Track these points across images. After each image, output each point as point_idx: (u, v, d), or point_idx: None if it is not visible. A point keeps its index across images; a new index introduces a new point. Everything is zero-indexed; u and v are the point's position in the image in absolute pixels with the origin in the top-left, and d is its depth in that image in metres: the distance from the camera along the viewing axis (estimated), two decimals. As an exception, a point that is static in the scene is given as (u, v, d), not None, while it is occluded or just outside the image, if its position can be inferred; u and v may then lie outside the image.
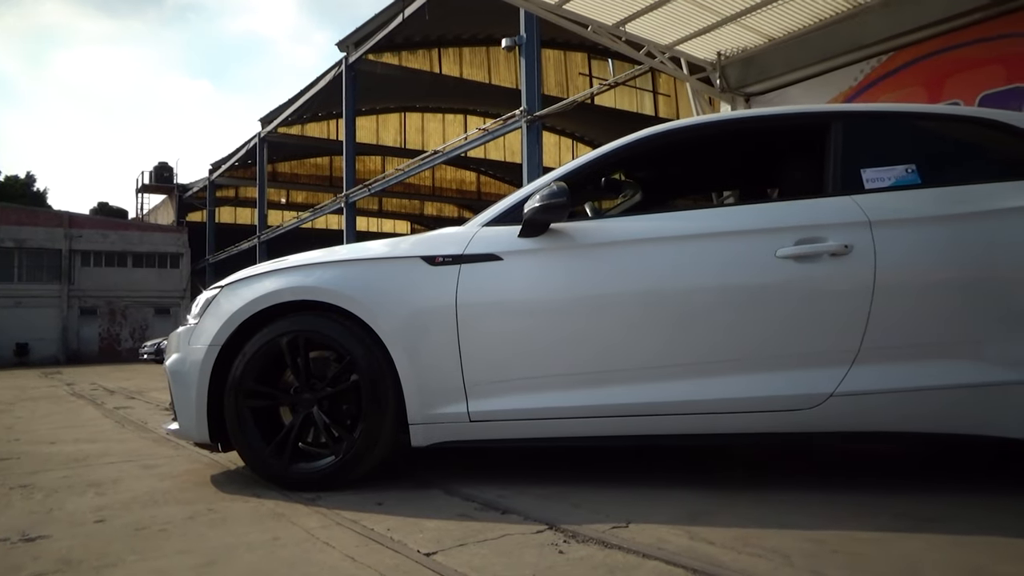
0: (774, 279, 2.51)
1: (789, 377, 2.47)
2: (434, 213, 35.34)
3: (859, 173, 2.65)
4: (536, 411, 2.60)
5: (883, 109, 2.88)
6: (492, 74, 23.56)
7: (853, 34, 6.82)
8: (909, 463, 3.15)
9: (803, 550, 1.86)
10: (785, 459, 3.21)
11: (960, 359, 2.39)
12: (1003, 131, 2.69)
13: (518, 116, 11.00)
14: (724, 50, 7.83)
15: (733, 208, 3.07)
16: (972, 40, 6.17)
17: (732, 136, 3.23)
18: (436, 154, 17.06)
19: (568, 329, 2.63)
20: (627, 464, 3.14)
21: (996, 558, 1.77)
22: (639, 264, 2.63)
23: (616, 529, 2.08)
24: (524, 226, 2.68)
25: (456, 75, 22.89)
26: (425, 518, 2.27)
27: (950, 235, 2.44)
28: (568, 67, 23.66)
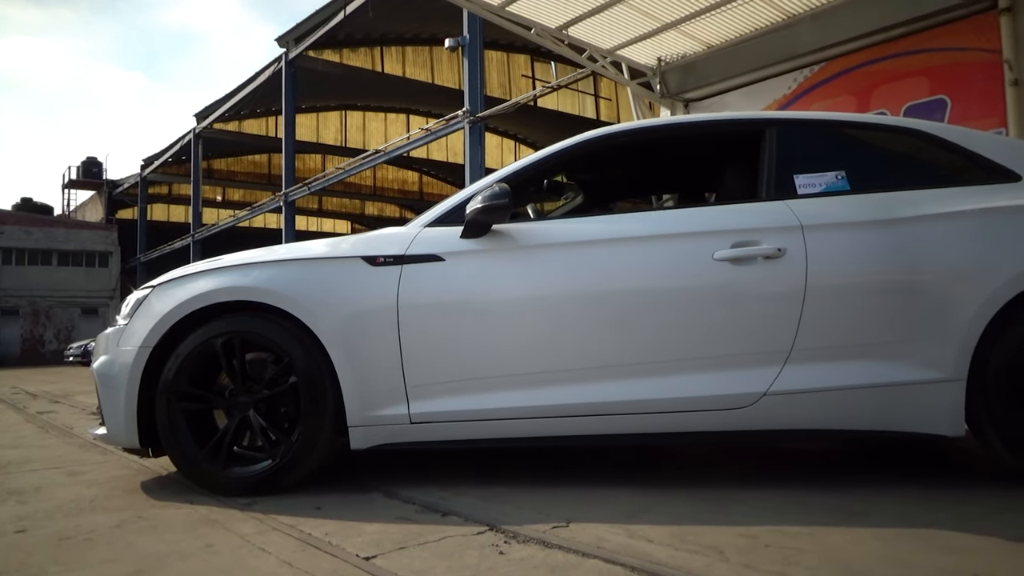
0: (711, 281, 2.57)
1: (725, 377, 2.53)
2: (375, 213, 34.97)
3: (792, 179, 2.74)
4: (477, 412, 2.60)
5: (815, 117, 2.98)
6: (435, 74, 23.45)
7: (787, 44, 7.04)
8: (836, 459, 3.26)
9: (737, 545, 1.90)
10: (720, 457, 3.28)
11: (885, 359, 2.48)
12: (926, 140, 2.81)
13: (461, 117, 10.98)
14: (664, 56, 7.97)
15: (672, 211, 3.13)
16: (897, 53, 6.44)
17: (671, 141, 3.29)
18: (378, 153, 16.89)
19: (509, 330, 2.64)
20: (568, 464, 3.17)
21: (918, 549, 1.84)
22: (580, 266, 2.66)
23: (557, 529, 2.10)
24: (466, 227, 2.68)
25: (399, 74, 22.70)
26: (365, 521, 2.24)
27: (876, 240, 2.54)
28: (511, 69, 23.74)
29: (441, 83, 23.08)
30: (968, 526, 2.02)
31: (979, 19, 5.94)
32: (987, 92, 5.88)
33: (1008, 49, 5.68)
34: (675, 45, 7.74)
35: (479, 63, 11.37)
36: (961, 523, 2.05)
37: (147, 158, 29.88)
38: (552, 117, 22.04)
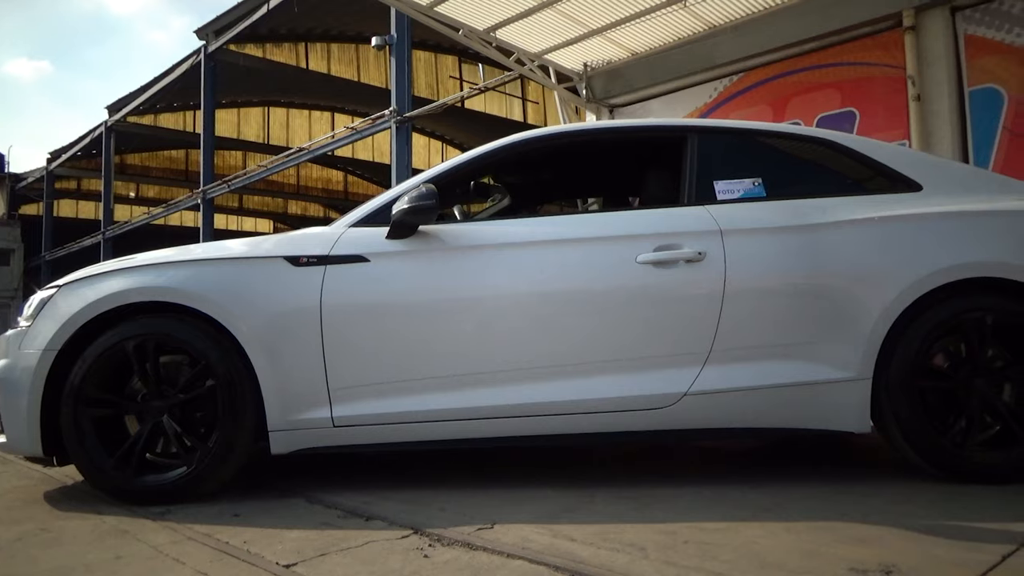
0: (634, 283, 2.62)
1: (647, 377, 2.59)
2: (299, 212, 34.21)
3: (712, 185, 2.82)
4: (403, 415, 2.58)
5: (734, 126, 3.08)
6: (361, 72, 23.12)
7: (708, 54, 7.26)
8: (750, 456, 3.37)
9: (658, 542, 1.95)
10: (643, 456, 3.35)
11: (798, 359, 2.59)
12: (836, 150, 2.95)
13: (388, 116, 10.86)
14: (590, 61, 8.09)
15: (597, 215, 3.18)
16: (811, 66, 6.73)
17: (597, 145, 3.35)
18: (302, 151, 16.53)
19: (436, 332, 2.62)
20: (494, 466, 3.17)
21: (827, 541, 1.92)
22: (506, 267, 2.67)
23: (481, 531, 2.10)
24: (392, 228, 2.65)
25: (324, 71, 22.27)
26: (285, 528, 2.19)
27: (789, 245, 2.64)
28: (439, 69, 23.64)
29: (368, 82, 22.77)
30: (872, 517, 2.13)
31: (885, 36, 6.27)
32: (892, 106, 6.21)
33: (911, 66, 6.01)
34: (601, 51, 7.86)
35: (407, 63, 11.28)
36: (866, 515, 2.16)
37: (54, 151, 28.33)
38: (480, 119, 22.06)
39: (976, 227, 2.65)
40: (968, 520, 2.08)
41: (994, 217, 2.68)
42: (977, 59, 5.85)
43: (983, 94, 5.81)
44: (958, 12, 5.93)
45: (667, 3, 6.72)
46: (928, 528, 2.01)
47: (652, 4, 6.78)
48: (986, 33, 5.80)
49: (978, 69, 5.84)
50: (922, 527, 2.02)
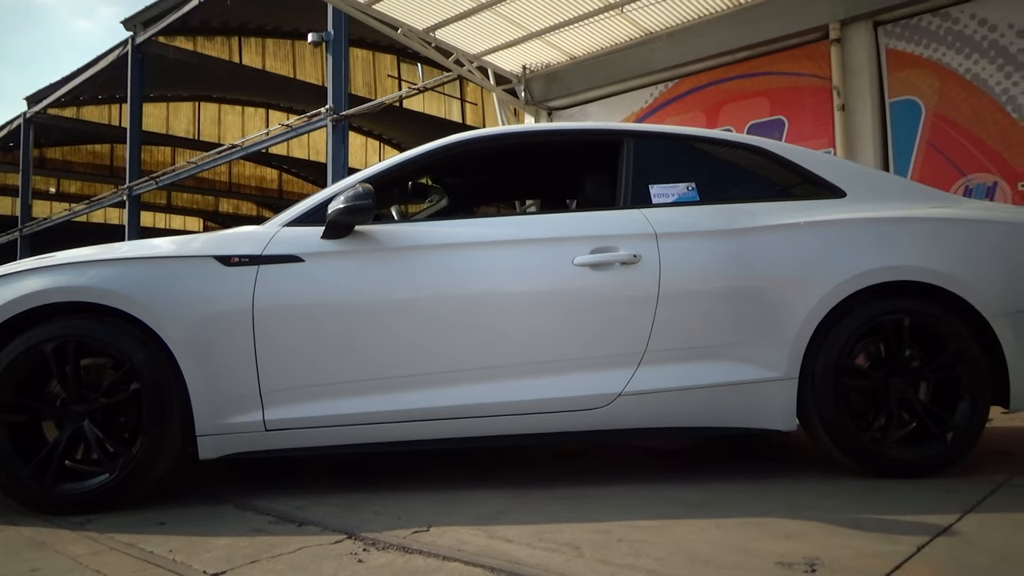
0: (571, 285, 2.65)
1: (583, 378, 2.62)
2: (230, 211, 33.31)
3: (648, 188, 2.87)
4: (338, 417, 2.54)
5: (669, 131, 3.13)
6: (297, 69, 22.68)
7: (644, 60, 7.39)
8: (683, 455, 3.45)
9: (592, 541, 1.97)
10: (578, 456, 3.38)
11: (729, 360, 2.66)
12: (766, 157, 3.04)
13: (324, 114, 10.68)
14: (529, 64, 8.14)
15: (535, 217, 3.20)
16: (742, 75, 6.92)
17: (535, 147, 3.36)
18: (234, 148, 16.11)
19: (371, 333, 2.59)
20: (430, 468, 3.15)
21: (755, 536, 1.98)
22: (443, 269, 2.66)
23: (417, 534, 2.08)
24: (328, 227, 2.61)
25: (258, 67, 21.76)
26: (214, 536, 2.13)
27: (721, 248, 2.71)
28: (377, 68, 23.39)
29: (304, 79, 22.35)
30: (797, 512, 2.20)
31: (812, 48, 6.50)
32: (819, 115, 6.44)
33: (837, 77, 6.25)
34: (540, 54, 7.92)
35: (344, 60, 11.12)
36: (791, 510, 2.23)
37: (-34, 143, 26.90)
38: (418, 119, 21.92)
39: (895, 233, 2.77)
40: (886, 513, 2.17)
41: (912, 224, 2.80)
42: (897, 72, 6.12)
43: (903, 106, 6.09)
44: (880, 27, 6.19)
45: (605, 8, 6.82)
46: (850, 521, 2.09)
47: (590, 9, 6.86)
48: (906, 47, 6.08)
49: (898, 82, 6.12)
50: (844, 520, 2.10)
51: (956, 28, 5.83)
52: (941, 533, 1.95)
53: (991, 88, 5.66)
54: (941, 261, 2.69)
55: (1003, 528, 1.99)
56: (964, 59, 5.78)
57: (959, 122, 5.79)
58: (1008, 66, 5.59)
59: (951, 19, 5.85)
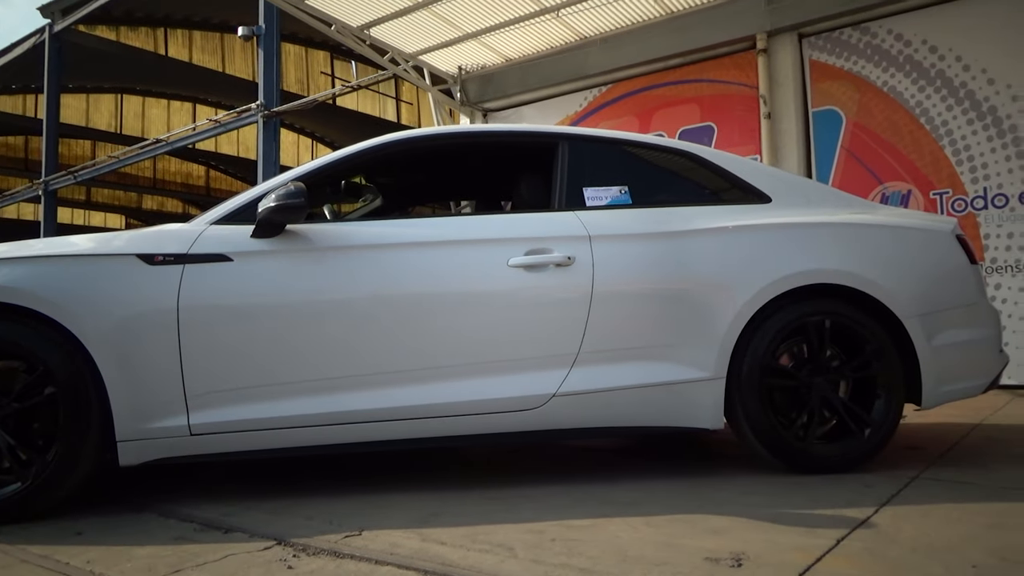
0: (506, 287, 2.66)
1: (519, 379, 2.63)
2: (155, 208, 32.17)
3: (582, 191, 2.91)
4: (267, 421, 2.48)
5: (603, 135, 3.18)
6: (227, 63, 22.07)
7: (579, 64, 7.48)
8: (615, 454, 3.50)
9: (526, 541, 1.98)
10: (513, 457, 3.39)
11: (660, 360, 2.71)
12: (696, 162, 3.11)
13: (254, 110, 10.43)
14: (465, 65, 8.13)
15: (469, 218, 3.19)
16: (674, 81, 7.08)
17: (471, 148, 3.36)
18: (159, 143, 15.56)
19: (303, 335, 2.54)
20: (364, 471, 3.11)
21: (684, 533, 2.02)
22: (377, 269, 2.63)
23: (349, 538, 2.05)
24: (258, 226, 2.55)
25: (185, 59, 21.08)
26: (135, 545, 2.05)
27: (653, 251, 2.76)
28: (310, 65, 22.97)
29: (233, 73, 21.77)
30: (724, 509, 2.26)
31: (740, 57, 6.70)
32: (746, 122, 6.64)
33: (763, 86, 6.46)
34: (476, 55, 7.92)
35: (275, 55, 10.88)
36: (718, 507, 2.29)
37: None
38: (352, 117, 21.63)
39: (817, 238, 2.88)
40: (808, 508, 2.25)
41: (833, 229, 2.91)
42: (820, 83, 6.36)
43: (825, 115, 6.33)
44: (805, 39, 6.43)
45: (540, 12, 6.87)
46: (774, 516, 2.16)
47: (526, 12, 6.90)
48: (828, 59, 6.32)
49: (821, 92, 6.36)
50: (768, 516, 2.17)
51: (875, 42, 6.10)
52: (859, 526, 2.04)
53: (906, 100, 5.94)
54: (860, 265, 2.80)
55: (915, 520, 2.09)
56: (882, 72, 6.06)
57: (877, 132, 6.06)
58: (922, 80, 5.88)
59: (870, 33, 6.12)
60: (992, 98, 5.59)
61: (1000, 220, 5.54)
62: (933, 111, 5.83)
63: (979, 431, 3.61)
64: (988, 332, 2.98)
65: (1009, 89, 5.53)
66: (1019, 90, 5.49)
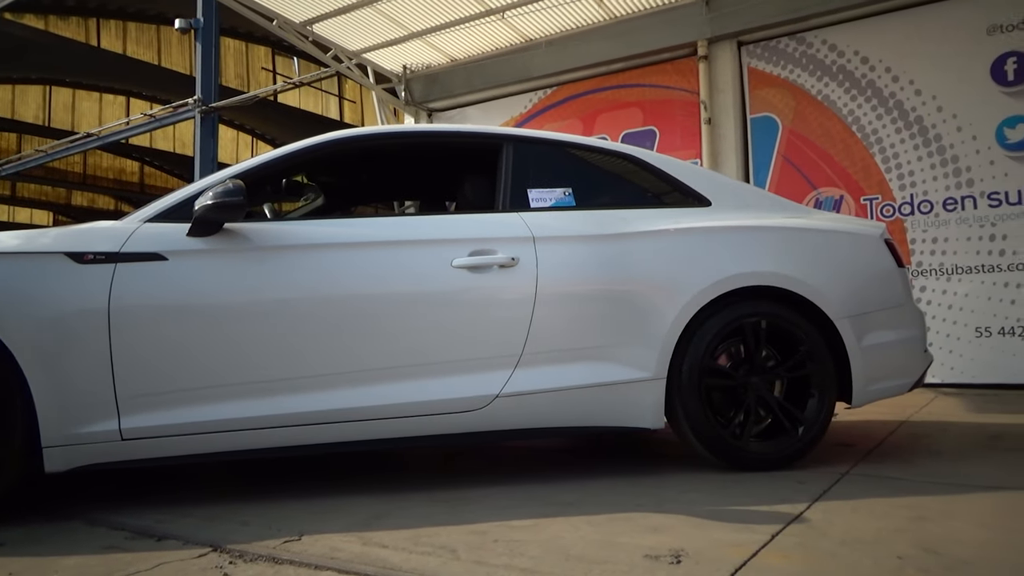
0: (450, 287, 2.65)
1: (462, 380, 2.62)
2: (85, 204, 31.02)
3: (526, 193, 2.92)
4: (203, 424, 2.41)
5: (548, 137, 3.20)
6: (163, 56, 21.45)
7: (524, 66, 7.51)
8: (557, 454, 3.52)
9: (469, 542, 1.98)
10: (457, 458, 3.38)
11: (603, 361, 2.74)
12: (639, 165, 3.16)
13: (191, 105, 10.14)
14: (410, 64, 8.08)
15: (413, 218, 3.17)
16: (617, 85, 7.17)
17: (415, 148, 3.34)
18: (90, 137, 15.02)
19: (242, 336, 2.48)
20: (304, 475, 3.06)
21: (624, 531, 2.05)
22: (318, 269, 2.59)
23: (288, 543, 2.01)
24: (194, 224, 2.48)
25: (119, 51, 20.40)
26: (62, 555, 1.97)
27: (596, 253, 2.79)
28: (250, 60, 22.49)
29: (170, 66, 21.17)
30: (664, 507, 2.30)
31: (682, 63, 6.83)
32: (687, 127, 6.77)
33: (704, 91, 6.60)
34: (421, 55, 7.88)
35: (214, 49, 10.60)
36: (658, 505, 2.33)
37: None
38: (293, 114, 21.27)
39: (755, 241, 2.95)
40: (745, 504, 2.31)
41: (770, 232, 3.00)
42: (758, 90, 6.53)
43: (762, 122, 6.50)
44: (744, 46, 6.60)
45: (486, 13, 6.87)
46: (711, 513, 2.20)
47: (471, 12, 6.90)
48: (765, 67, 6.50)
49: (758, 99, 6.53)
50: (706, 513, 2.21)
51: (810, 52, 6.29)
52: (792, 521, 2.10)
53: (839, 109, 6.15)
54: (795, 268, 2.89)
55: (844, 514, 2.16)
56: (816, 81, 6.25)
57: (811, 139, 6.25)
58: (853, 89, 6.09)
59: (806, 43, 6.31)
60: (919, 108, 5.83)
61: (925, 225, 5.78)
62: (864, 120, 6.04)
63: (905, 428, 3.77)
64: (914, 333, 3.11)
65: (935, 100, 5.78)
66: (944, 102, 5.74)
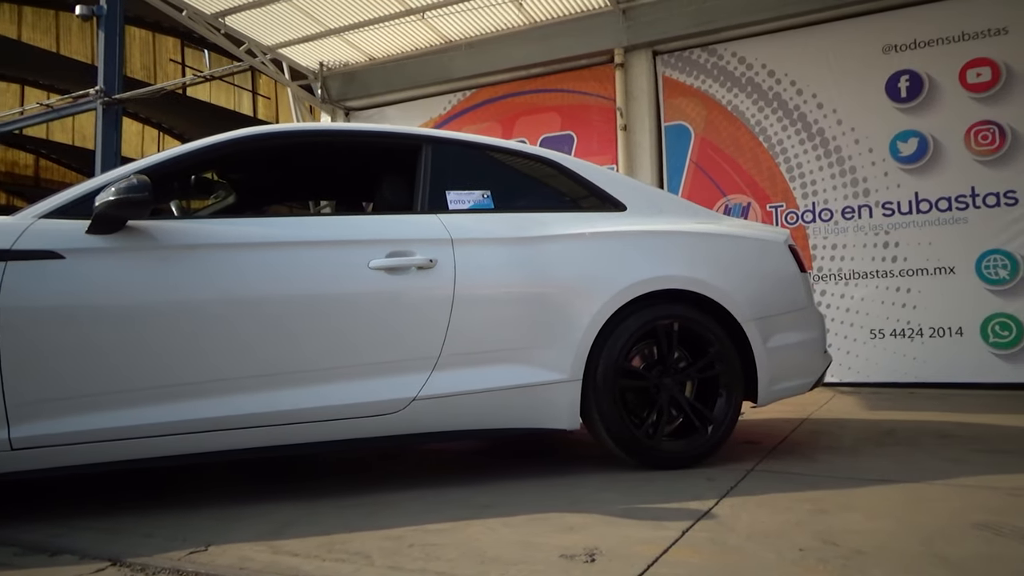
0: (366, 289, 2.61)
1: (379, 383, 2.59)
2: (-26, 198, 29.04)
3: (444, 194, 2.91)
4: (101, 432, 2.29)
5: (467, 139, 3.19)
6: (62, 43, 20.31)
7: (444, 67, 7.49)
8: (476, 457, 3.52)
9: (383, 548, 1.95)
10: (373, 462, 3.33)
11: (520, 363, 2.75)
12: (557, 170, 3.20)
13: (93, 96, 9.65)
14: (327, 61, 7.93)
15: (330, 218, 3.11)
16: (536, 89, 7.25)
17: (332, 147, 3.28)
18: (-21, 127, 14.07)
19: (143, 339, 2.37)
20: (213, 483, 2.95)
21: (540, 531, 2.07)
22: (228, 270, 2.50)
23: (194, 554, 1.94)
24: (94, 221, 2.36)
25: (13, 36, 19.21)
26: (-59, 573, 1.84)
27: (513, 255, 2.81)
28: (158, 51, 21.57)
29: (69, 55, 20.07)
30: (579, 506, 2.33)
31: (599, 70, 6.96)
32: (604, 133, 6.91)
33: (620, 99, 6.74)
34: (339, 52, 7.75)
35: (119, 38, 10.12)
36: (573, 504, 2.36)
37: None
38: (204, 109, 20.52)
39: (668, 245, 3.04)
40: (657, 502, 2.36)
41: (682, 237, 3.08)
42: (672, 98, 6.72)
43: (675, 129, 6.70)
44: (659, 56, 6.78)
45: (405, 13, 6.82)
46: (625, 512, 2.25)
47: (391, 11, 6.83)
48: (679, 77, 6.70)
49: (672, 108, 6.72)
50: (620, 511, 2.26)
51: (720, 63, 6.52)
52: (702, 517, 2.16)
53: (747, 119, 6.40)
54: (705, 272, 2.98)
55: (751, 509, 2.25)
56: (726, 92, 6.49)
57: (721, 148, 6.48)
58: (761, 101, 6.35)
59: (717, 55, 6.54)
60: (820, 121, 6.14)
61: (826, 232, 6.08)
62: (771, 130, 6.31)
63: (806, 425, 3.95)
64: (815, 335, 3.26)
65: (835, 114, 6.09)
66: (843, 115, 6.06)
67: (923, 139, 5.78)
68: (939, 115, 5.75)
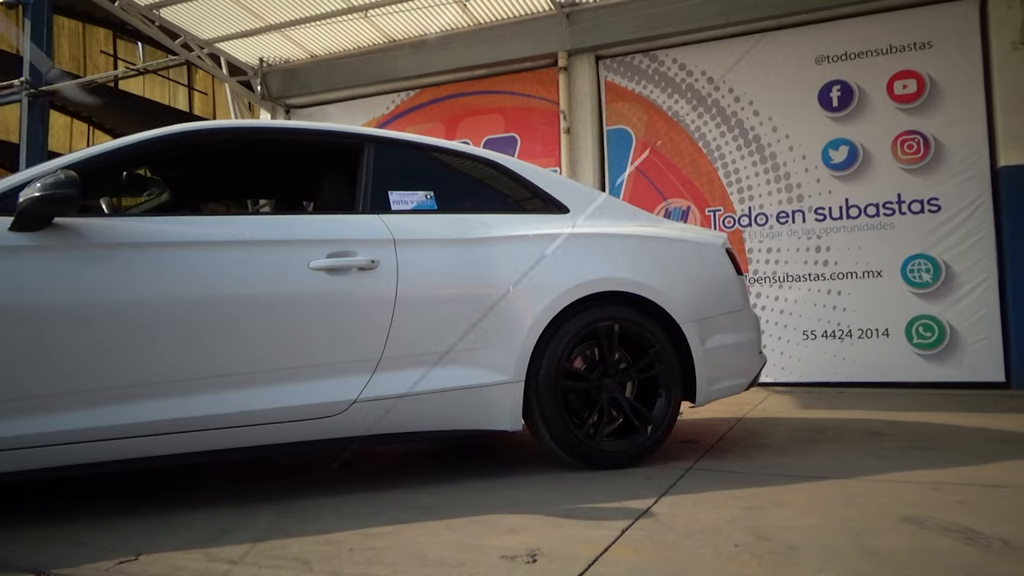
0: (306, 290, 2.57)
1: (319, 386, 2.55)
2: None
3: (387, 195, 2.89)
4: (28, 438, 2.20)
5: (410, 139, 3.17)
6: (-17, 31, 19.39)
7: (387, 66, 7.43)
8: (418, 459, 3.51)
9: (322, 553, 1.92)
10: (313, 466, 3.28)
11: (462, 365, 2.75)
12: (500, 171, 3.21)
13: (17, 87, 9.25)
14: (267, 57, 7.78)
15: (268, 217, 3.05)
16: (480, 91, 7.25)
17: (271, 145, 3.21)
18: None
19: (73, 341, 2.28)
20: (146, 490, 2.86)
21: (482, 533, 2.07)
22: (162, 269, 2.43)
23: (123, 564, 1.87)
24: (18, 217, 2.26)
25: (-71, 23, 18.24)
26: None
27: (457, 256, 2.81)
28: (88, 42, 20.79)
29: (-8, 43, 19.20)
30: (521, 507, 2.34)
31: (543, 73, 7.01)
32: (547, 135, 6.96)
33: (564, 102, 6.80)
34: (279, 48, 7.61)
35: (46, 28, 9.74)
36: (516, 506, 2.37)
37: None
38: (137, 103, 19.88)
39: (609, 247, 3.08)
40: (598, 502, 2.39)
41: (623, 240, 3.13)
42: (614, 103, 6.82)
43: (617, 133, 6.79)
44: (601, 60, 6.86)
45: (348, 10, 6.74)
46: (566, 512, 2.27)
47: (333, 8, 6.74)
48: (620, 81, 6.79)
49: (614, 112, 6.82)
50: (561, 512, 2.28)
51: (661, 69, 6.64)
52: (641, 516, 2.20)
53: (687, 125, 6.53)
54: (646, 274, 3.03)
55: (688, 507, 2.30)
56: (667, 98, 6.61)
57: (662, 152, 6.60)
58: (700, 107, 6.49)
59: (658, 61, 6.66)
60: (757, 128, 6.31)
61: (761, 236, 6.26)
62: (709, 136, 6.46)
63: (742, 424, 4.05)
64: (751, 336, 3.35)
65: (771, 121, 6.27)
66: (779, 123, 6.25)
67: (853, 147, 6.01)
68: (868, 124, 5.98)
